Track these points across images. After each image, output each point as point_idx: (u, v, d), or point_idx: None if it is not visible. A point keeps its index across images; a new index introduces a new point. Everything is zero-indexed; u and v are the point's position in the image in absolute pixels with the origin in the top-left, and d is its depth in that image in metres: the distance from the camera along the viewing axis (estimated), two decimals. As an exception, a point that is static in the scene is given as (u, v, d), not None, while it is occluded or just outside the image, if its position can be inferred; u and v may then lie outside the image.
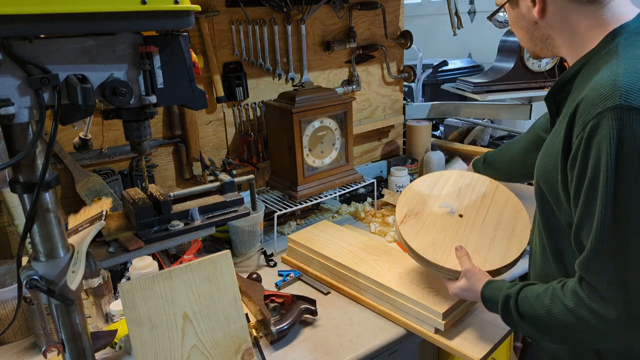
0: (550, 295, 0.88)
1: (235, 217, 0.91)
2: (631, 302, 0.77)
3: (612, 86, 0.76)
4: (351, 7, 1.90)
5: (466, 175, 1.39)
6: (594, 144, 0.77)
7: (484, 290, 1.03)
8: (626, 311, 0.77)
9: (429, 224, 1.24)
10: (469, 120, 2.57)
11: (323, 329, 1.22)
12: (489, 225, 1.24)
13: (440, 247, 1.17)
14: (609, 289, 0.78)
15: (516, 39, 2.08)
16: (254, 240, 1.53)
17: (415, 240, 1.19)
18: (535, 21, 0.94)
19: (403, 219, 1.25)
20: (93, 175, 1.50)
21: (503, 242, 1.19)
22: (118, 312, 1.23)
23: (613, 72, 0.79)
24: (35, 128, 0.69)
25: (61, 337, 0.80)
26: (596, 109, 0.76)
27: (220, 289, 1.04)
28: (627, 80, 0.76)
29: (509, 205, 1.29)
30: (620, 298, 0.78)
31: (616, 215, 0.76)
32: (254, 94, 1.77)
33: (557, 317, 0.85)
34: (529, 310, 0.90)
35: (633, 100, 0.74)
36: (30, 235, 0.73)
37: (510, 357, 1.53)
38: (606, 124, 0.75)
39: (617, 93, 0.75)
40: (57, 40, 0.67)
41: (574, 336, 0.86)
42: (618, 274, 0.77)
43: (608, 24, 0.87)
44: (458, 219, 1.26)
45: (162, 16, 0.70)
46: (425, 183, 1.37)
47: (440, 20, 3.33)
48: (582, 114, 0.79)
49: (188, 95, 0.79)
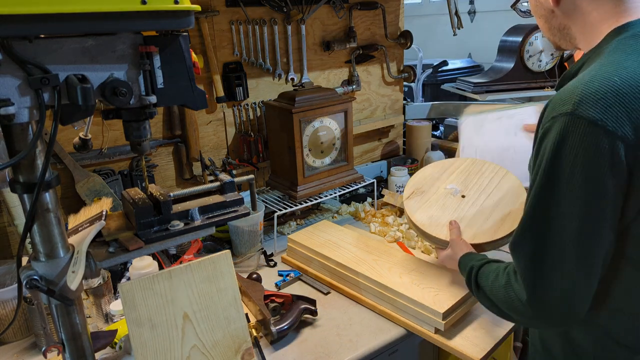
0: (496, 272, 0.94)
1: (235, 217, 0.91)
2: (539, 288, 0.82)
3: (572, 92, 0.76)
4: (351, 7, 1.90)
5: (478, 162, 1.45)
6: (542, 147, 0.80)
7: (460, 259, 1.11)
8: (535, 296, 0.83)
9: (431, 201, 1.34)
10: (469, 120, 2.56)
11: (323, 329, 1.22)
12: (487, 206, 1.30)
13: (437, 220, 1.29)
14: (523, 273, 0.84)
15: (516, 39, 2.10)
16: (254, 240, 1.53)
17: (416, 213, 1.31)
18: (552, 9, 0.92)
19: (409, 195, 1.36)
20: (93, 175, 1.50)
21: (496, 221, 1.25)
22: (118, 312, 1.23)
23: (582, 77, 0.79)
24: (35, 128, 0.69)
25: (61, 337, 0.80)
26: (552, 113, 0.78)
27: (220, 289, 1.04)
28: (586, 89, 0.75)
29: (511, 191, 1.33)
30: (531, 284, 0.83)
31: (540, 212, 0.81)
32: (254, 94, 1.77)
33: (495, 292, 0.92)
34: (483, 282, 0.97)
35: (583, 110, 0.74)
36: (30, 235, 0.73)
37: (510, 357, 1.53)
38: (555, 129, 0.77)
39: (572, 100, 0.75)
40: (57, 40, 0.67)
41: (508, 313, 0.91)
42: (532, 261, 0.83)
43: (619, 18, 0.84)
44: (460, 199, 1.34)
45: (162, 16, 0.70)
46: (437, 168, 1.45)
47: (440, 20, 3.32)
48: (545, 115, 0.81)
49: (188, 95, 0.79)
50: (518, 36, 2.09)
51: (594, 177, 0.74)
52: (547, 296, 0.82)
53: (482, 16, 3.26)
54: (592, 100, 0.74)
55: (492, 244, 1.22)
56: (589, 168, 0.74)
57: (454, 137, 2.51)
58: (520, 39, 2.07)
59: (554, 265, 0.81)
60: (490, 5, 3.16)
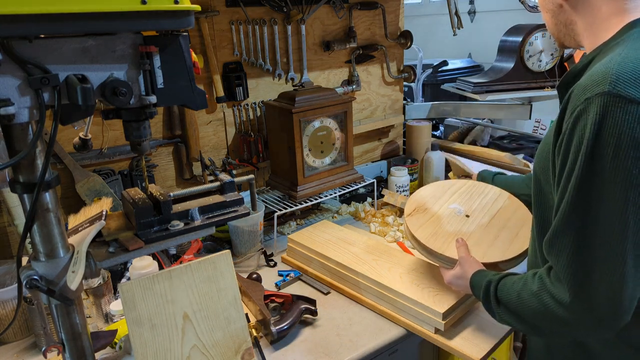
0: (522, 282, 0.88)
1: (235, 217, 0.91)
2: (584, 287, 0.77)
3: (605, 73, 0.74)
4: (351, 7, 1.90)
5: (480, 184, 1.42)
6: (577, 130, 0.76)
7: (472, 277, 1.04)
8: (579, 296, 0.77)
9: (434, 219, 1.29)
10: (469, 120, 2.57)
11: (323, 329, 1.22)
12: (493, 226, 1.26)
13: (442, 237, 1.22)
14: (565, 271, 0.78)
15: (516, 39, 2.10)
16: (254, 240, 1.53)
17: (418, 230, 1.24)
18: (560, 3, 0.91)
19: (410, 213, 1.30)
20: (93, 175, 1.50)
21: (505, 241, 1.20)
22: (118, 312, 1.23)
23: (611, 59, 0.77)
24: (35, 128, 0.69)
25: (61, 337, 0.80)
26: (585, 95, 0.75)
27: (220, 289, 1.04)
28: (621, 68, 0.74)
29: (517, 214, 1.30)
30: (575, 281, 0.77)
31: (583, 200, 0.75)
32: (254, 94, 1.77)
33: (525, 301, 0.85)
34: (505, 295, 0.91)
35: (621, 89, 0.72)
36: (30, 235, 0.73)
37: (510, 357, 1.53)
38: (592, 110, 0.73)
39: (607, 80, 0.73)
40: (57, 40, 0.67)
41: (539, 324, 0.85)
42: (575, 257, 0.77)
43: (630, 13, 0.84)
44: (464, 218, 1.29)
45: (162, 16, 0.70)
46: (437, 188, 1.41)
47: (440, 20, 3.32)
48: (573, 100, 0.78)
49: (188, 95, 0.79)
50: (518, 36, 2.09)
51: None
52: (594, 295, 0.76)
53: (482, 16, 3.26)
54: (630, 79, 0.72)
55: (506, 263, 1.16)
56: (635, 146, 0.71)
57: (454, 137, 2.51)
58: (520, 39, 2.07)
59: (602, 257, 0.75)
60: (490, 5, 3.16)
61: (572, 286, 0.78)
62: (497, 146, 2.29)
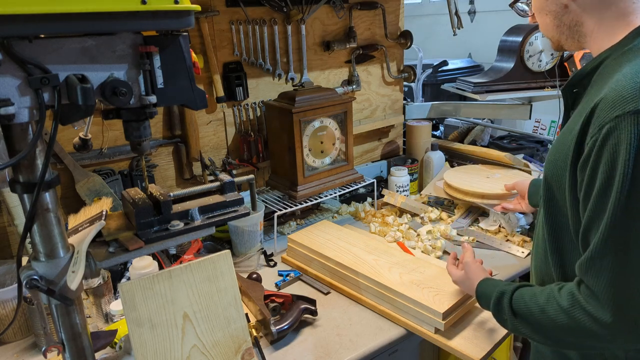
0: (546, 296, 0.86)
1: (235, 217, 0.91)
2: (626, 307, 0.77)
3: (634, 88, 0.73)
4: (351, 7, 1.90)
5: None
6: (607, 147, 0.75)
7: (479, 285, 1.03)
8: (621, 315, 0.77)
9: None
10: (469, 120, 2.57)
11: (323, 329, 1.22)
12: None
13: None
14: (606, 291, 0.77)
15: (516, 38, 2.10)
16: (254, 240, 1.53)
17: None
18: (565, 4, 0.89)
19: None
20: (93, 175, 1.50)
21: None
22: (118, 312, 1.23)
23: (636, 71, 0.75)
24: (35, 128, 0.69)
25: (61, 337, 0.80)
26: (614, 112, 0.73)
27: (220, 289, 1.04)
28: None
29: None
30: (617, 302, 0.77)
31: (626, 221, 0.75)
32: (254, 94, 1.77)
33: (551, 316, 0.84)
34: (523, 308, 0.89)
35: None
36: (30, 235, 0.73)
37: (510, 357, 1.53)
38: (625, 129, 0.72)
39: (638, 96, 0.72)
40: (57, 40, 0.67)
41: (566, 339, 0.84)
42: (618, 277, 0.76)
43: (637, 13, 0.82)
44: None
45: (162, 16, 0.70)
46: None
47: (440, 20, 3.32)
48: (599, 114, 0.76)
49: (188, 95, 0.79)
50: (518, 36, 2.09)
51: None
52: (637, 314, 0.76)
53: (482, 16, 3.25)
54: None
55: None
56: None
57: (454, 137, 2.51)
58: (520, 39, 2.07)
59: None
60: (490, 5, 3.15)
61: (613, 306, 0.77)
62: (497, 146, 2.29)
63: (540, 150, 2.25)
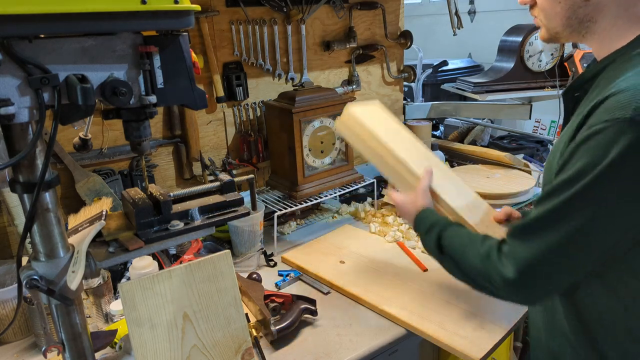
0: (469, 237, 0.94)
1: (235, 217, 0.91)
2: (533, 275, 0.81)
3: (632, 97, 0.73)
4: (351, 7, 1.90)
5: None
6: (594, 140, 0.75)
7: (422, 212, 1.07)
8: (524, 280, 0.82)
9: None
10: (469, 120, 2.57)
11: (323, 329, 1.22)
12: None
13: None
14: (528, 258, 0.81)
15: (516, 38, 2.10)
16: (254, 240, 1.53)
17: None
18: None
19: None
20: (93, 175, 1.50)
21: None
22: (118, 312, 1.23)
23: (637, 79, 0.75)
24: (35, 128, 0.69)
25: (61, 337, 0.80)
26: (606, 116, 0.74)
27: (220, 289, 1.04)
28: None
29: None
30: (529, 269, 0.81)
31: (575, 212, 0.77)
32: (254, 94, 1.77)
33: (468, 258, 0.91)
34: (449, 245, 0.96)
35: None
36: (30, 235, 0.73)
37: (510, 357, 1.53)
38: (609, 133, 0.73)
39: (631, 105, 0.72)
40: (57, 40, 0.67)
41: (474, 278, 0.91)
42: (547, 253, 0.80)
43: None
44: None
45: (162, 16, 0.70)
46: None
47: (440, 20, 3.32)
48: (594, 118, 0.77)
49: (188, 95, 0.79)
50: (518, 36, 2.09)
51: None
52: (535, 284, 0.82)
53: (482, 16, 3.25)
54: None
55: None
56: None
57: (454, 137, 2.51)
58: (520, 39, 2.07)
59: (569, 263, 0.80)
60: (490, 5, 3.16)
61: (521, 270, 0.82)
62: (497, 146, 2.29)
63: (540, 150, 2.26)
